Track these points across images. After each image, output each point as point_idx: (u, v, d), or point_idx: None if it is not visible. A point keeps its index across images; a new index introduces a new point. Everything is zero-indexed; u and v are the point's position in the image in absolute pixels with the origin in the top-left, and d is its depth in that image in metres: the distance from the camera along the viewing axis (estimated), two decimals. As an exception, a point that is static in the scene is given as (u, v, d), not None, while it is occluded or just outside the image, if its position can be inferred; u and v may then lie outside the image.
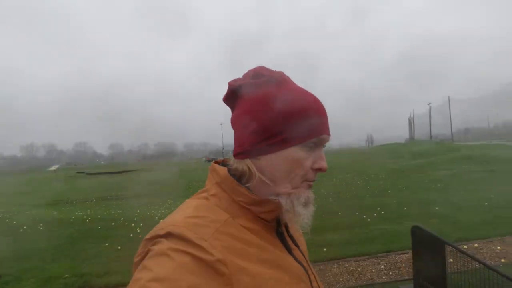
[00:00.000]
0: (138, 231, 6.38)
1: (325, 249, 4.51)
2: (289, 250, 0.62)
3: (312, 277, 0.63)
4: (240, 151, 0.62)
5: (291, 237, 0.67)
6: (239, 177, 0.61)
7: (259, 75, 0.63)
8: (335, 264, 4.07)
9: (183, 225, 0.50)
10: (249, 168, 0.60)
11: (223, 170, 0.62)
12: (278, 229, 0.64)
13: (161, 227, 0.52)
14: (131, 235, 6.04)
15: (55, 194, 17.22)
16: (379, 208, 6.78)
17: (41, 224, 7.60)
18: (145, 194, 14.82)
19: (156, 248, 0.48)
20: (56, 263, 4.63)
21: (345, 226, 5.71)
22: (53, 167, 68.62)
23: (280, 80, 0.63)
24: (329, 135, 0.63)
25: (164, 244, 0.47)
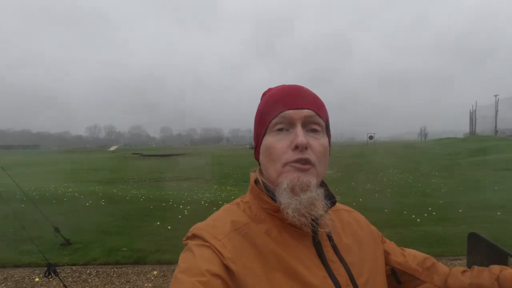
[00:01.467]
0: (186, 213, 6.80)
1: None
2: (325, 263, 0.58)
3: None
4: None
5: (334, 247, 0.61)
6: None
7: None
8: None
9: (203, 227, 0.58)
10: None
11: (252, 177, 0.66)
12: (315, 238, 0.60)
13: (190, 230, 0.60)
14: (180, 216, 6.46)
15: (114, 172, 18.93)
16: (430, 209, 6.38)
17: (103, 200, 8.46)
18: (192, 177, 15.65)
19: (185, 247, 0.57)
20: (116, 237, 5.16)
21: (389, 224, 5.48)
22: (113, 148, 75.43)
23: (266, 92, 0.70)
24: (299, 108, 0.59)
25: (190, 243, 0.57)
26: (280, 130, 0.60)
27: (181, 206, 7.55)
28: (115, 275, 3.83)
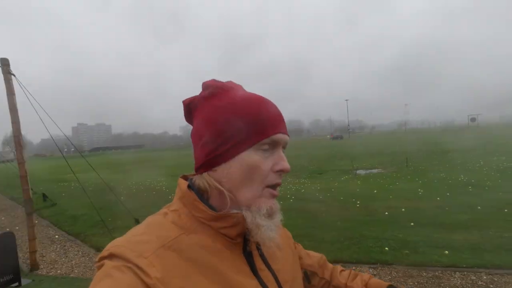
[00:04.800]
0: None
1: (446, 252, 3.76)
2: (255, 272, 0.58)
3: None
4: (198, 166, 0.60)
5: (261, 255, 0.62)
6: (202, 193, 0.59)
7: (207, 87, 0.62)
8: (457, 273, 3.33)
9: (124, 244, 0.51)
10: (207, 182, 0.58)
11: (184, 184, 0.61)
12: (246, 248, 0.59)
13: (106, 248, 0.52)
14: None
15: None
16: (543, 207, 5.07)
17: (183, 193, 9.38)
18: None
19: (100, 270, 0.49)
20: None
21: (481, 225, 4.56)
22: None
23: (226, 89, 0.61)
24: (285, 134, 0.60)
25: (107, 265, 0.49)
26: (265, 150, 0.58)
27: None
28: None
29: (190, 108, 0.64)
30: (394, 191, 7.85)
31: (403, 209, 5.84)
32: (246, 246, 0.59)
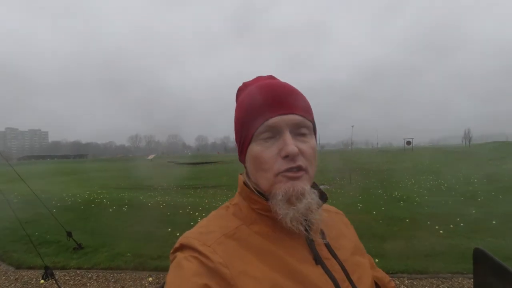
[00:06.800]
0: (199, 219, 6.82)
1: (377, 260, 4.06)
2: (319, 260, 0.58)
3: None
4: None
5: (327, 245, 0.61)
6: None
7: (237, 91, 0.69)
8: (385, 278, 3.62)
9: (191, 236, 0.56)
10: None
11: (241, 179, 0.65)
12: (308, 237, 0.59)
13: (178, 241, 0.57)
14: (192, 223, 6.48)
15: (147, 180, 19.76)
16: (458, 219, 5.77)
17: (125, 206, 8.81)
18: (219, 185, 15.82)
19: (173, 261, 0.55)
20: (124, 241, 5.30)
21: (408, 235, 5.03)
22: (150, 156, 79.53)
23: (244, 88, 0.66)
24: (285, 114, 0.56)
25: (178, 256, 0.54)
26: (266, 138, 0.57)
27: (196, 213, 7.62)
28: (113, 280, 3.91)
29: None
30: (337, 205, 8.20)
31: (342, 222, 6.21)
32: (308, 234, 0.59)
